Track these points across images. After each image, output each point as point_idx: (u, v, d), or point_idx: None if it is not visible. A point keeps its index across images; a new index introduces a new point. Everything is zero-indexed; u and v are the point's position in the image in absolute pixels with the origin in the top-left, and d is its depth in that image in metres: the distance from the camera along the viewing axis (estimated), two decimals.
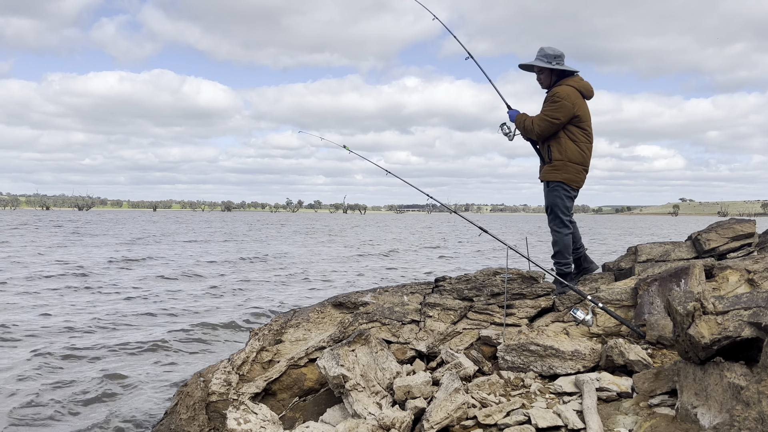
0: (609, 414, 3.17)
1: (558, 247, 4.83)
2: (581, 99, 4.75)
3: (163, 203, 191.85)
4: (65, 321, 9.05)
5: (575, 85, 4.73)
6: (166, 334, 8.34)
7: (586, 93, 4.81)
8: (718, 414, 2.68)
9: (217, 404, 4.06)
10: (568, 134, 4.72)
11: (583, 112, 4.74)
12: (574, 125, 4.71)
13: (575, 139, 4.73)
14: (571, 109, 4.63)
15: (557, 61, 4.78)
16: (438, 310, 4.40)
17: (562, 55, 4.80)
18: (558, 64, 4.78)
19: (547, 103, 4.73)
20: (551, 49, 4.80)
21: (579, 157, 4.75)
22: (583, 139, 4.77)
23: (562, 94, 4.64)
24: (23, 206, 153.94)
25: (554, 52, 4.78)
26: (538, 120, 4.71)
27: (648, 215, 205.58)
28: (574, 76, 4.81)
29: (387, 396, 3.67)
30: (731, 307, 2.83)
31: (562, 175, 4.73)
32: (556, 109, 4.64)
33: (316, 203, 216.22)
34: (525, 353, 3.83)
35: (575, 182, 4.78)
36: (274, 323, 4.49)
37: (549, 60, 4.78)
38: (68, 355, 7.12)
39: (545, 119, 4.67)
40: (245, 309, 10.53)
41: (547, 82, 4.88)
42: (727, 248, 4.76)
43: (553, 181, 4.76)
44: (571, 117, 4.66)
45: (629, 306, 4.23)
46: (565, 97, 4.63)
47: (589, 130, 4.82)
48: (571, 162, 4.72)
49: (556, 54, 4.78)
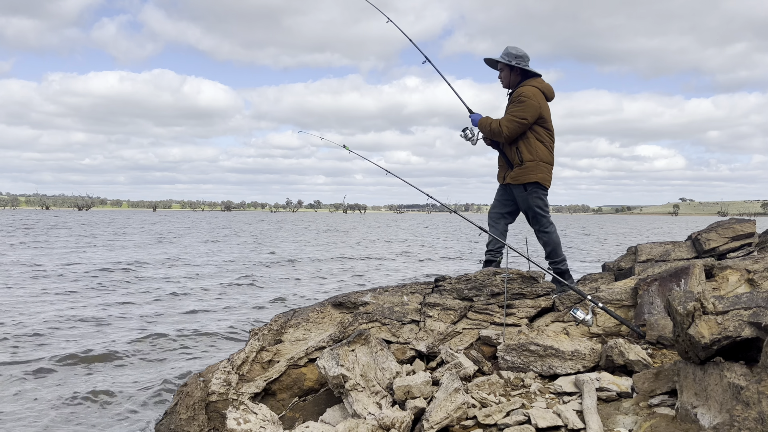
0: (609, 414, 3.17)
1: (550, 247, 4.86)
2: (545, 100, 4.82)
3: (163, 203, 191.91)
4: (67, 320, 9.05)
5: (539, 86, 4.79)
6: (166, 334, 8.34)
7: (548, 95, 4.87)
8: (718, 414, 2.67)
9: (217, 404, 4.06)
10: (535, 135, 4.77)
11: (546, 112, 4.81)
12: (540, 125, 4.77)
13: (542, 139, 4.79)
14: (537, 109, 4.69)
15: (518, 61, 4.84)
16: (438, 310, 4.40)
17: (525, 56, 4.86)
18: (519, 64, 4.83)
19: (513, 104, 4.78)
20: (515, 49, 4.87)
21: (547, 156, 4.81)
22: (548, 139, 4.84)
23: (528, 93, 4.70)
24: (23, 206, 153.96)
25: (518, 52, 4.85)
26: (506, 122, 4.73)
27: (648, 215, 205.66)
28: (537, 78, 4.87)
29: (387, 396, 3.67)
30: (731, 307, 2.83)
31: (537, 176, 4.76)
32: (523, 109, 4.68)
33: (316, 203, 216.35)
34: (525, 353, 3.83)
35: (548, 181, 4.84)
36: (274, 323, 4.49)
37: (510, 59, 4.84)
38: (68, 354, 7.11)
39: (513, 120, 4.70)
40: (250, 309, 10.53)
41: (507, 81, 4.94)
42: (727, 248, 4.76)
43: (530, 183, 4.78)
44: (537, 117, 4.71)
45: (629, 306, 4.23)
46: (531, 96, 4.68)
47: (552, 131, 4.89)
48: (543, 162, 4.77)
49: (519, 54, 4.84)
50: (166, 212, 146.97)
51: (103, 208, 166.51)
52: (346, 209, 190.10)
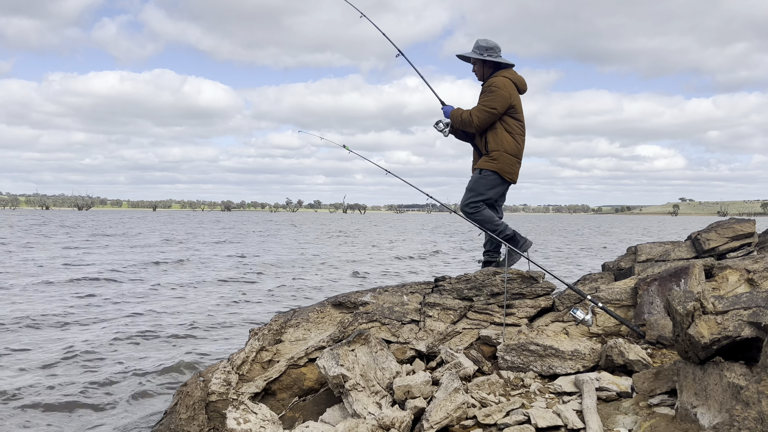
0: (609, 414, 3.17)
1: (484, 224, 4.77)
2: (516, 90, 4.82)
3: (163, 203, 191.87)
4: (70, 318, 9.06)
5: (510, 77, 4.80)
6: (167, 333, 8.34)
7: (520, 86, 4.87)
8: (718, 414, 2.68)
9: (217, 404, 4.06)
10: (504, 125, 4.77)
11: (517, 103, 4.81)
12: (510, 116, 4.78)
13: (510, 131, 4.79)
14: (507, 99, 4.69)
15: (490, 53, 4.84)
16: (438, 309, 4.41)
17: (496, 47, 4.86)
18: (491, 56, 4.84)
19: (483, 94, 4.79)
20: (486, 41, 4.87)
21: (514, 148, 4.80)
22: (518, 131, 4.83)
23: (498, 83, 4.71)
24: (23, 206, 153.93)
25: (488, 44, 4.86)
26: (476, 111, 4.74)
27: (648, 215, 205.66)
28: (509, 69, 4.87)
29: (387, 396, 3.67)
30: (731, 306, 2.83)
31: (496, 165, 4.77)
32: (492, 99, 4.69)
33: (315, 203, 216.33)
34: (525, 353, 3.83)
35: (508, 173, 4.81)
36: (274, 323, 4.49)
37: (481, 52, 4.85)
38: (66, 354, 7.11)
39: (483, 110, 4.71)
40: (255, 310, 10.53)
41: (481, 74, 4.95)
42: (726, 248, 4.76)
43: (486, 170, 4.79)
44: (507, 107, 4.72)
45: (629, 306, 4.23)
46: (501, 87, 4.69)
47: (523, 122, 4.89)
48: (507, 153, 4.77)
49: (489, 46, 4.85)
50: (167, 212, 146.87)
51: (103, 208, 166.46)
52: (346, 209, 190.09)
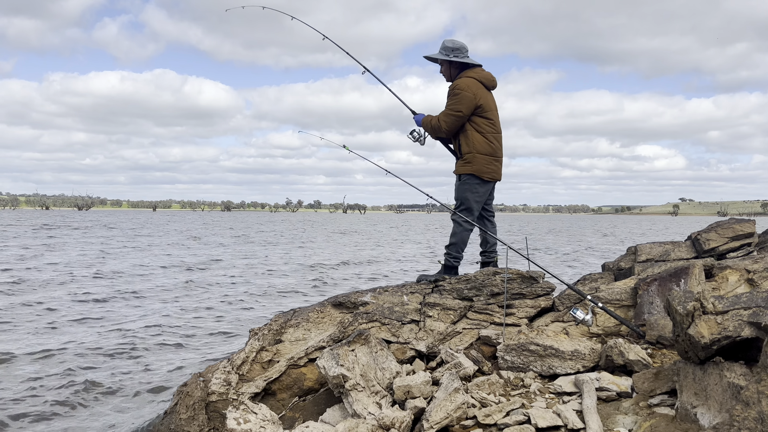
0: (609, 414, 3.17)
1: (455, 239, 4.84)
2: (483, 89, 4.77)
3: (163, 203, 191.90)
4: (70, 317, 9.06)
5: (475, 76, 4.76)
6: (168, 333, 8.34)
7: (488, 84, 4.83)
8: (718, 414, 2.68)
9: (217, 404, 4.06)
10: (474, 126, 4.74)
11: (486, 101, 4.76)
12: (479, 116, 4.73)
13: (481, 131, 4.75)
14: (472, 100, 4.66)
15: (456, 54, 4.81)
16: (438, 309, 4.41)
17: (463, 47, 4.83)
18: (457, 56, 4.81)
19: (449, 97, 4.76)
20: (452, 42, 4.85)
21: (487, 147, 4.76)
22: (489, 130, 4.79)
23: (461, 85, 4.68)
24: (23, 206, 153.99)
25: (454, 45, 4.83)
26: (443, 116, 4.73)
27: (647, 215, 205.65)
28: (476, 68, 4.83)
29: (387, 396, 3.67)
30: (731, 306, 2.83)
31: (472, 167, 4.75)
32: (457, 101, 4.66)
33: (315, 203, 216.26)
34: (525, 353, 3.83)
35: (486, 173, 4.78)
36: (274, 323, 4.49)
37: (447, 53, 4.83)
38: (66, 353, 7.12)
39: (449, 114, 4.70)
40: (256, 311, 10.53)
41: (448, 75, 4.93)
42: (726, 248, 4.76)
43: (464, 174, 4.78)
44: (473, 108, 4.68)
45: (629, 306, 4.23)
46: (465, 88, 4.66)
47: (495, 120, 4.84)
48: (480, 153, 4.74)
49: (455, 47, 4.82)
50: (167, 212, 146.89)
51: (103, 208, 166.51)
52: (346, 209, 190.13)
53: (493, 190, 4.97)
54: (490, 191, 4.92)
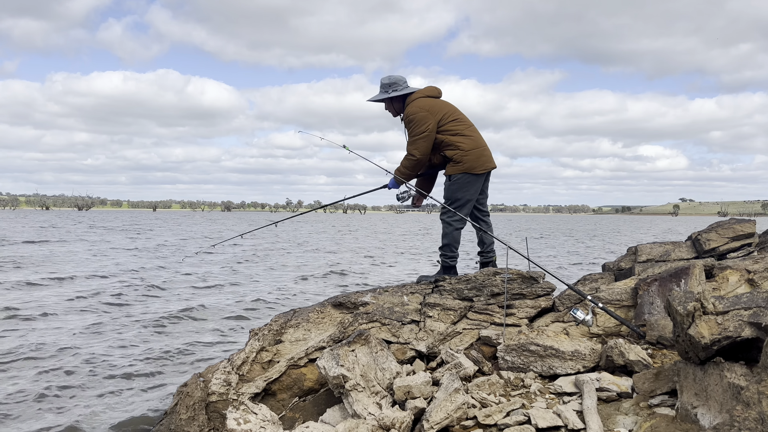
0: (609, 414, 3.17)
1: (447, 240, 4.84)
2: (433, 100, 4.81)
3: (163, 203, 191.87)
4: (75, 314, 9.06)
5: (418, 95, 4.81)
6: (168, 332, 8.34)
7: (434, 94, 4.88)
8: (718, 414, 2.67)
9: (217, 404, 4.06)
10: (447, 134, 4.75)
11: (441, 108, 4.78)
12: (445, 123, 4.74)
13: (455, 132, 4.76)
14: (430, 116, 4.69)
15: (394, 89, 4.88)
16: (438, 310, 4.40)
17: (399, 80, 4.90)
18: (396, 90, 4.87)
19: (408, 127, 4.78)
20: (387, 78, 4.92)
21: (471, 143, 4.77)
22: (461, 127, 4.79)
23: (412, 110, 4.72)
24: (23, 206, 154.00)
25: (390, 80, 4.90)
26: (411, 148, 4.74)
27: (648, 215, 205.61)
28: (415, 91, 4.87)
29: (387, 396, 3.67)
30: (731, 307, 2.82)
31: (463, 167, 4.75)
32: (416, 124, 4.68)
33: (315, 203, 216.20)
34: (525, 353, 3.83)
35: (478, 167, 4.78)
36: (274, 323, 4.49)
37: (386, 89, 4.91)
38: (65, 353, 7.11)
39: (415, 140, 4.70)
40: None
41: (393, 110, 4.99)
42: (727, 248, 4.76)
43: (455, 174, 4.78)
44: (436, 121, 4.70)
45: (629, 306, 4.23)
46: (416, 111, 4.70)
47: (460, 116, 4.85)
48: (467, 151, 4.74)
49: (391, 82, 4.89)
50: (167, 212, 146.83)
51: (103, 209, 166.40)
52: (345, 209, 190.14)
53: (487, 181, 4.96)
54: (482, 186, 4.91)
